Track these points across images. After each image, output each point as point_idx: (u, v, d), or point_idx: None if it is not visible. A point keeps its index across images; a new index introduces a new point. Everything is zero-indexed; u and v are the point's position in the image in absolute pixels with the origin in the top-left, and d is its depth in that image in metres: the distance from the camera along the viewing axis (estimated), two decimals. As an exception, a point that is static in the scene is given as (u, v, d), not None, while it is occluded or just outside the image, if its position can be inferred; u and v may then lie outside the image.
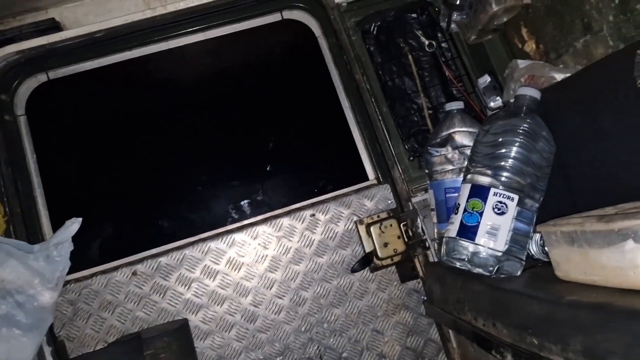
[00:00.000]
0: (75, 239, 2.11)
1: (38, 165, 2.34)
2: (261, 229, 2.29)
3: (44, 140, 2.37)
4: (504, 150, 1.55)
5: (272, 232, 2.28)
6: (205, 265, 2.23)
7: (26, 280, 1.97)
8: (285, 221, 2.29)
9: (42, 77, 2.39)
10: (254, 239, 2.28)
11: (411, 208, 2.24)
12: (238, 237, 2.27)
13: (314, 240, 2.29)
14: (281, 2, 2.47)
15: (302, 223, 2.29)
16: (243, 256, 2.26)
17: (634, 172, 1.36)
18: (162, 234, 2.36)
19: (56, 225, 2.23)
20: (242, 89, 2.55)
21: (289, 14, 2.51)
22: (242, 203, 2.43)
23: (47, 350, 2.05)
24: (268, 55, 2.60)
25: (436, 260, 2.14)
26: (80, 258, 2.18)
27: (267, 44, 2.57)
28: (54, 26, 2.27)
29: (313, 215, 2.30)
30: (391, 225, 2.24)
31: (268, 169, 2.48)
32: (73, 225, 2.10)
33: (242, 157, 2.50)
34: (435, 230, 2.01)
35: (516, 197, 1.52)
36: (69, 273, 2.09)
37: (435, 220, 2.00)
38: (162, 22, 2.36)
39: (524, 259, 1.54)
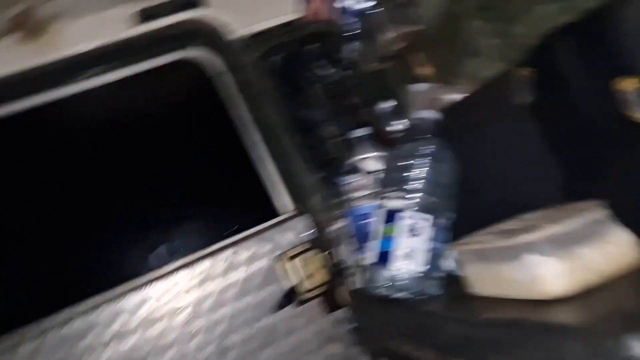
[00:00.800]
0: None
1: None
2: (179, 275, 2.17)
3: None
4: (412, 173, 1.58)
5: (190, 277, 2.18)
6: (116, 326, 2.06)
7: None
8: (204, 265, 2.19)
9: None
10: (174, 286, 2.16)
11: (332, 236, 2.23)
12: (155, 287, 2.14)
13: (236, 280, 2.21)
14: (180, 41, 2.41)
15: (221, 265, 2.21)
16: (159, 309, 2.12)
17: (530, 184, 1.43)
18: (65, 295, 2.15)
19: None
20: (144, 132, 2.44)
21: (189, 52, 2.45)
22: (156, 251, 2.30)
23: None
24: (170, 95, 2.49)
25: (360, 287, 2.14)
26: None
27: (167, 84, 2.48)
28: None
29: (232, 255, 2.22)
30: (313, 256, 2.22)
31: (179, 214, 2.37)
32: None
33: (153, 202, 2.37)
34: (356, 258, 2.02)
35: (429, 218, 1.55)
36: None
37: (354, 247, 2.00)
38: (52, 69, 2.20)
39: (443, 277, 1.56)
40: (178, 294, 2.16)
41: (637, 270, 1.05)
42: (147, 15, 2.27)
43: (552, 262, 1.02)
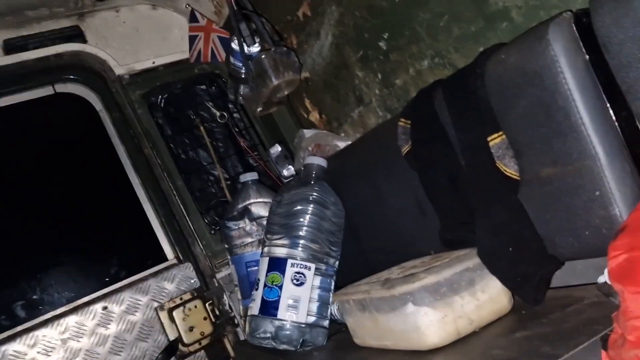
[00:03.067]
0: None
1: None
2: (41, 332, 1.93)
3: None
4: (297, 220, 1.55)
5: (56, 334, 1.95)
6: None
7: None
8: (72, 320, 1.98)
9: None
10: (32, 347, 1.91)
11: (216, 285, 2.13)
12: (10, 348, 1.88)
13: (108, 336, 2.01)
14: (53, 75, 2.23)
15: (92, 319, 2.00)
16: (17, 372, 1.87)
17: (412, 230, 1.47)
18: None
19: None
20: (19, 170, 2.19)
21: (63, 87, 2.27)
22: (14, 306, 2.03)
23: None
24: (44, 132, 2.29)
25: (245, 338, 2.05)
26: None
27: (40, 120, 2.27)
28: None
29: (105, 307, 2.03)
30: (196, 306, 2.09)
31: (49, 260, 2.13)
32: None
33: (17, 248, 2.11)
34: (241, 307, 1.93)
35: (313, 266, 1.52)
36: None
37: (239, 296, 1.92)
38: None
39: (327, 326, 1.53)
40: (40, 353, 1.91)
41: (505, 316, 1.09)
42: (13, 46, 2.08)
43: (428, 312, 1.03)
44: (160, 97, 2.29)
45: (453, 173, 1.25)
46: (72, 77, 2.26)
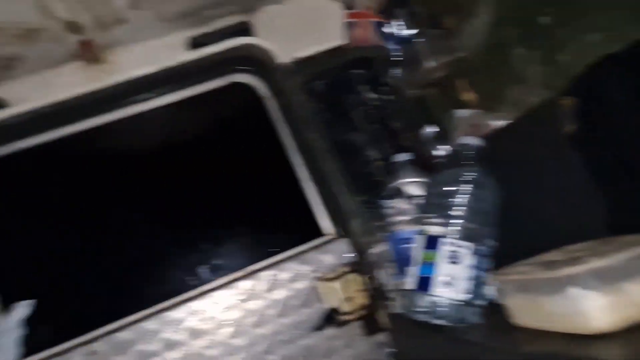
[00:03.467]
0: (28, 321, 2.01)
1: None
2: (222, 293, 2.24)
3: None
4: (452, 200, 1.58)
5: (233, 296, 2.24)
6: (165, 337, 2.15)
7: (-28, 372, 1.86)
8: (246, 284, 2.25)
9: (-14, 155, 2.34)
10: (214, 305, 2.22)
11: (371, 260, 2.24)
12: (198, 304, 2.21)
13: (276, 301, 2.25)
14: (227, 67, 2.52)
15: (262, 284, 2.26)
16: (204, 324, 2.19)
17: (574, 215, 1.42)
18: (118, 308, 2.26)
19: (7, 309, 2.11)
20: (193, 153, 2.54)
21: (235, 78, 2.55)
22: (199, 269, 2.38)
23: None
24: (217, 119, 2.61)
25: (400, 312, 2.14)
26: (34, 341, 2.06)
27: (215, 108, 2.59)
28: (-3, 104, 2.23)
29: (274, 275, 2.27)
30: (353, 279, 2.23)
31: (224, 233, 2.44)
32: (23, 308, 2.00)
33: (197, 223, 2.45)
34: (396, 282, 2.02)
35: (469, 245, 1.54)
36: (23, 358, 1.98)
37: (394, 272, 2.01)
38: (109, 93, 2.36)
39: (484, 305, 1.55)
40: (221, 311, 2.22)
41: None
42: (197, 42, 2.37)
43: (596, 297, 1.01)
44: (319, 83, 2.44)
45: (625, 155, 1.19)
46: (243, 68, 2.53)
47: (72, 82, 2.33)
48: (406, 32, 1.97)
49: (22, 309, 2.00)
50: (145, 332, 2.14)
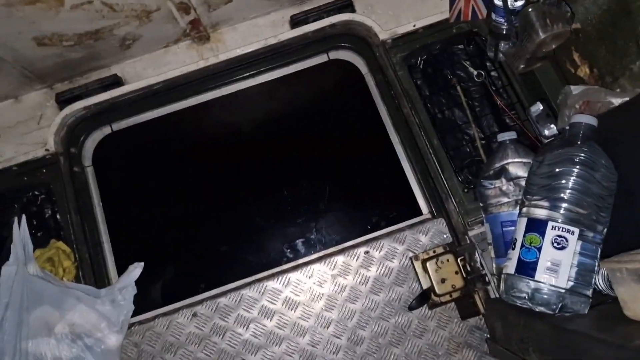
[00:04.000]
0: (138, 282, 2.20)
1: (104, 213, 2.48)
2: (316, 267, 2.29)
3: (109, 189, 2.52)
4: (561, 181, 1.49)
5: (327, 270, 2.28)
6: (262, 306, 2.25)
7: (94, 324, 2.06)
8: (340, 259, 2.28)
9: (106, 130, 2.56)
10: (309, 277, 2.28)
11: (468, 242, 2.17)
12: (293, 276, 2.28)
13: (369, 277, 2.26)
14: (327, 44, 2.54)
15: (356, 260, 2.28)
16: (299, 295, 2.26)
17: None
18: (220, 275, 2.40)
19: (121, 270, 2.33)
20: (293, 129, 2.62)
21: (335, 54, 2.57)
22: (296, 242, 2.46)
23: (114, 392, 2.12)
24: (317, 95, 2.66)
25: (497, 296, 2.06)
26: (143, 301, 2.25)
27: (315, 84, 2.64)
28: (116, 82, 2.43)
29: (367, 252, 2.28)
30: (448, 260, 2.18)
31: (321, 208, 2.49)
32: (136, 269, 2.19)
33: (296, 196, 2.53)
34: (494, 265, 1.95)
35: (577, 230, 1.45)
36: (132, 316, 2.17)
37: (493, 254, 1.93)
38: (215, 71, 2.49)
39: (591, 295, 1.45)
40: (315, 284, 2.28)
41: None
42: (298, 20, 2.41)
43: None
44: (419, 58, 2.38)
45: None
46: (343, 44, 2.54)
47: (183, 60, 2.47)
48: (513, 3, 1.85)
49: (135, 270, 2.19)
50: (244, 299, 2.25)
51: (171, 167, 2.61)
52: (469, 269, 2.15)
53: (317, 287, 2.27)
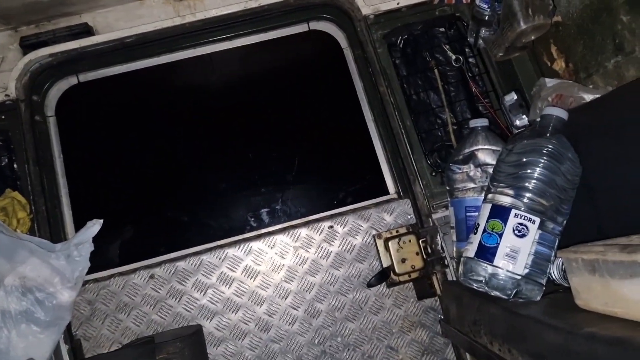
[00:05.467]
0: (96, 240, 2.14)
1: (64, 165, 2.40)
2: (279, 238, 2.28)
3: (71, 142, 2.43)
4: (527, 171, 1.51)
5: (290, 242, 2.28)
6: (221, 272, 2.24)
7: (46, 279, 2.00)
8: (303, 232, 2.28)
9: (72, 80, 2.45)
10: (271, 248, 2.27)
11: (431, 224, 2.20)
12: (255, 245, 2.27)
13: (331, 252, 2.27)
14: (308, 13, 2.49)
15: (320, 234, 2.28)
16: (259, 265, 2.26)
17: (663, 200, 1.31)
18: (181, 238, 2.37)
19: (78, 225, 2.26)
20: (267, 97, 2.57)
21: (315, 25, 2.52)
22: (261, 212, 2.43)
23: (64, 349, 2.08)
24: (294, 65, 2.61)
25: (454, 279, 2.10)
26: (100, 259, 2.21)
27: (293, 54, 2.59)
28: (86, 30, 2.32)
29: (331, 227, 2.29)
30: (410, 240, 2.21)
31: (288, 179, 2.47)
32: (94, 226, 2.13)
33: (263, 165, 2.50)
34: (455, 249, 1.98)
35: (538, 220, 1.48)
36: (88, 273, 2.12)
37: (454, 238, 1.97)
38: (191, 29, 2.40)
39: (544, 283, 1.49)
40: (277, 255, 2.27)
41: None
42: (282, -15, 2.35)
43: (677, 287, 0.94)
44: (400, 37, 2.36)
45: None
46: (325, 15, 2.49)
47: (158, 15, 2.38)
48: (500, -11, 1.85)
49: (93, 227, 2.13)
50: (204, 265, 2.23)
51: (138, 125, 2.53)
52: (429, 250, 2.18)
53: (278, 258, 2.27)
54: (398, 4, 2.36)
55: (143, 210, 2.46)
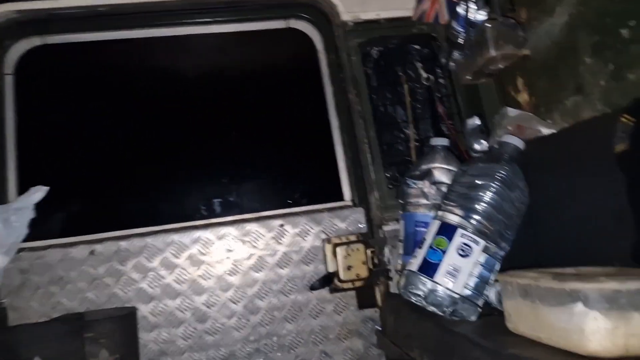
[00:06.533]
0: (39, 207, 2.06)
1: (16, 127, 2.30)
2: (228, 230, 2.25)
3: (26, 104, 2.33)
4: (478, 193, 1.54)
5: (238, 235, 2.25)
6: (164, 257, 2.19)
7: (-22, 240, 1.92)
8: (253, 227, 2.26)
9: (36, 41, 2.36)
10: (219, 239, 2.24)
11: (381, 236, 2.22)
12: (203, 234, 2.23)
13: (278, 251, 2.26)
14: (288, 11, 2.48)
15: (269, 232, 2.26)
16: (204, 254, 2.22)
17: (599, 237, 1.37)
18: (127, 217, 2.31)
19: (22, 191, 2.16)
20: (235, 88, 2.55)
21: (294, 24, 2.52)
22: (213, 201, 2.40)
23: (-12, 316, 1.99)
24: (266, 59, 2.60)
25: (397, 292, 2.12)
26: (40, 227, 2.11)
27: (267, 49, 2.58)
28: (59, -9, 2.25)
29: (282, 225, 2.27)
30: (358, 249, 2.21)
31: (245, 172, 2.45)
32: (37, 193, 2.05)
33: (222, 155, 2.47)
34: (400, 262, 2.00)
35: (482, 242, 1.51)
36: (24, 241, 2.04)
37: (401, 251, 1.99)
38: (169, 8, 2.36)
39: (481, 305, 1.52)
40: (223, 247, 2.24)
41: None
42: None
43: (600, 318, 0.97)
44: (375, 48, 2.38)
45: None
46: (304, 15, 2.49)
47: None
48: (477, 15, 1.89)
49: (37, 193, 2.05)
50: (147, 247, 2.18)
51: (98, 96, 2.46)
52: (376, 261, 2.20)
53: (224, 250, 2.24)
54: (378, 15, 2.39)
55: (92, 184, 2.38)
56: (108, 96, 2.48)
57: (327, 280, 2.22)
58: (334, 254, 2.22)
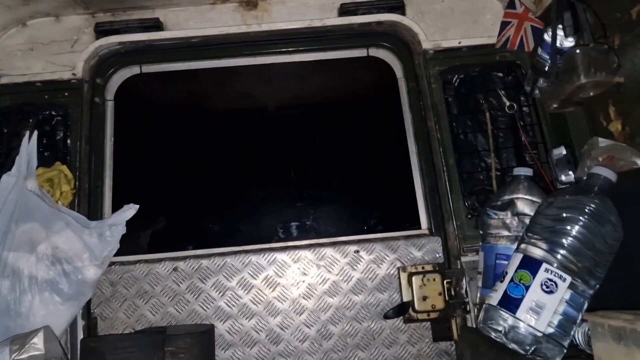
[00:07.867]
0: (129, 224, 2.21)
1: (114, 149, 2.49)
2: (304, 253, 2.29)
3: (124, 128, 2.52)
4: (565, 227, 1.47)
5: (314, 259, 2.28)
6: (242, 277, 2.25)
7: (77, 253, 2.07)
8: (329, 251, 2.28)
9: (135, 69, 2.57)
10: (295, 262, 2.28)
11: (459, 266, 2.16)
12: (280, 256, 2.28)
13: (353, 277, 2.26)
14: (369, 40, 2.54)
15: (344, 257, 2.27)
16: (281, 277, 2.26)
17: None
18: (209, 237, 2.42)
19: (116, 207, 2.33)
20: (316, 114, 2.63)
21: (375, 52, 2.57)
22: (291, 224, 2.46)
23: (80, 324, 2.14)
24: (347, 87, 2.67)
25: (474, 326, 2.05)
26: (129, 243, 2.26)
27: (348, 76, 2.64)
28: (156, 25, 2.44)
29: (357, 251, 2.27)
30: (434, 279, 2.17)
31: (323, 197, 2.49)
32: (129, 210, 2.20)
33: (301, 179, 2.53)
34: (479, 295, 1.93)
35: (569, 279, 1.43)
36: (115, 255, 2.18)
37: (480, 284, 1.92)
38: (255, 39, 2.48)
39: (566, 346, 1.44)
40: (299, 270, 2.28)
41: None
42: (347, 9, 2.40)
43: None
44: (456, 76, 2.37)
45: None
46: (384, 44, 2.53)
47: (226, 21, 2.47)
48: (565, 42, 1.83)
49: (129, 210, 2.20)
50: (227, 267, 2.25)
51: (189, 121, 2.62)
52: (453, 293, 2.14)
53: (299, 273, 2.27)
54: (459, 42, 2.37)
55: (178, 204, 2.52)
56: (197, 120, 2.64)
57: (402, 310, 2.18)
58: (409, 283, 2.19)
